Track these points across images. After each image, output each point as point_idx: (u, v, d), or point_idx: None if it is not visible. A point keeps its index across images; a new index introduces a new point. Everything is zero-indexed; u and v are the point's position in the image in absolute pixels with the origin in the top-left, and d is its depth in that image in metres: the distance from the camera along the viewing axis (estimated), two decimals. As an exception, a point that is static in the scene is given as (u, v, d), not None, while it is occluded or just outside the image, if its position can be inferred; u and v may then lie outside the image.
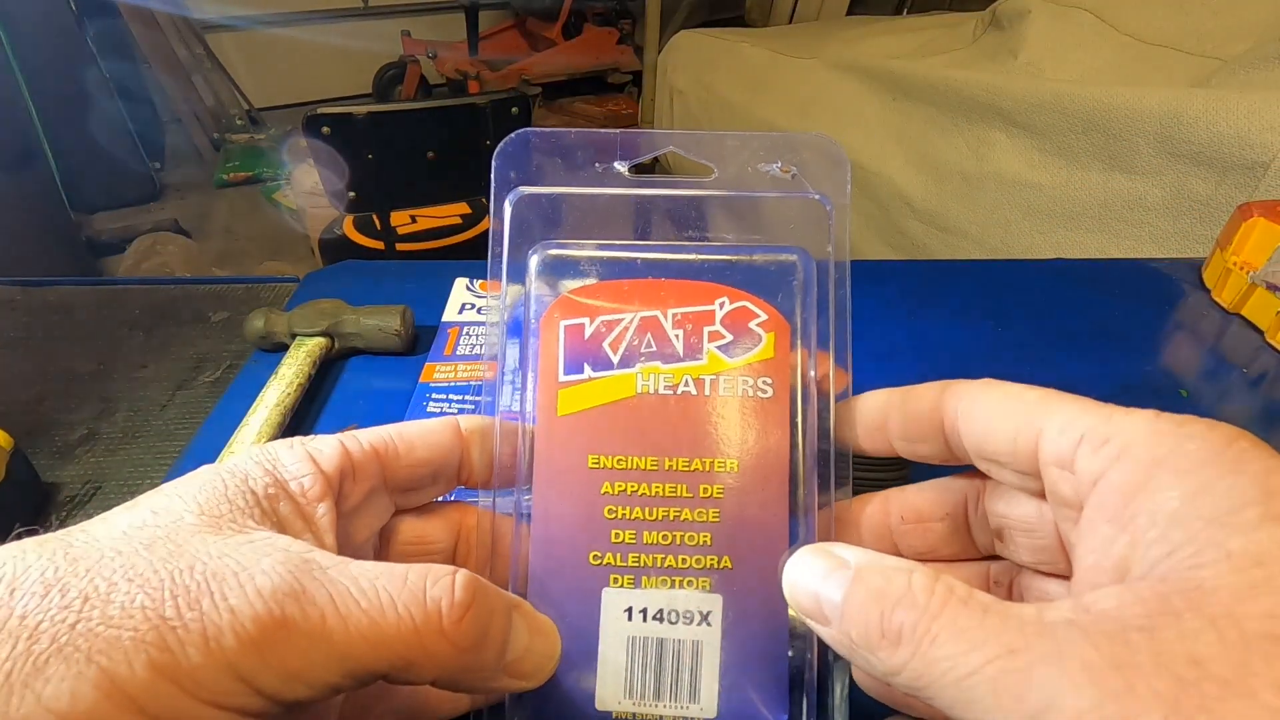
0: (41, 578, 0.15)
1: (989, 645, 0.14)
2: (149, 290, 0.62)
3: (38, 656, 0.13)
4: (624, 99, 3.16)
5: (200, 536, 0.17)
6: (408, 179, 1.18)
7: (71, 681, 0.13)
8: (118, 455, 0.45)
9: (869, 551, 0.18)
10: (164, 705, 0.14)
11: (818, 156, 0.24)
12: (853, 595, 0.17)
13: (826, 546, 0.19)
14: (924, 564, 0.17)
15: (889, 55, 1.45)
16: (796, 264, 0.24)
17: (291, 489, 0.20)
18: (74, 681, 0.13)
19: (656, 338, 0.23)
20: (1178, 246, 0.91)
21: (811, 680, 0.22)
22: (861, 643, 0.16)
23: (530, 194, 0.24)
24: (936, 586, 0.16)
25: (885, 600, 0.16)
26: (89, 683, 0.13)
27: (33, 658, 0.13)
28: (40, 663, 0.13)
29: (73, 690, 0.13)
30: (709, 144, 0.24)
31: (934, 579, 0.16)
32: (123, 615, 0.14)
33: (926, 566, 0.17)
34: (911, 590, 0.16)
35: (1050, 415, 0.18)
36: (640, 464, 0.22)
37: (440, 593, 0.17)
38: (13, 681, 0.13)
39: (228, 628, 0.15)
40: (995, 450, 0.19)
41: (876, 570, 0.17)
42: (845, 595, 0.17)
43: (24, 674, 0.13)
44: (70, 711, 0.13)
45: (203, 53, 2.66)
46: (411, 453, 0.22)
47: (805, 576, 0.18)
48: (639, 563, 0.22)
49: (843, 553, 0.18)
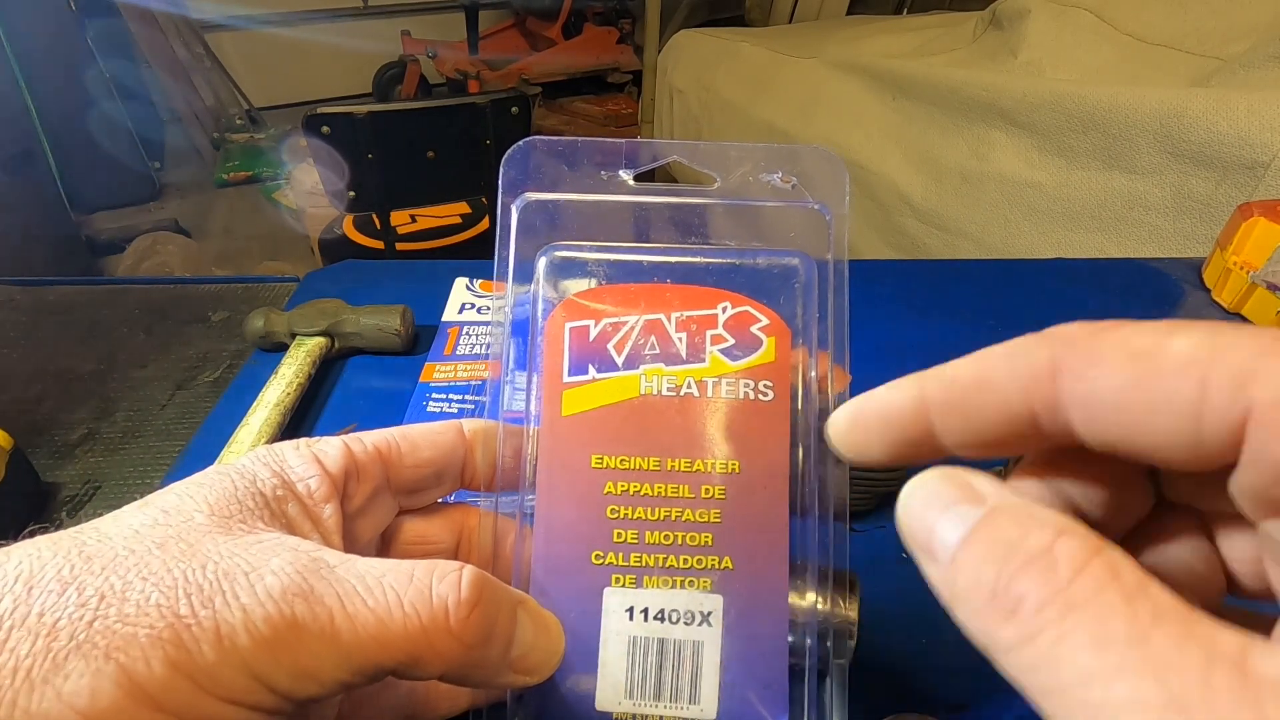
0: (58, 575, 0.15)
1: (1148, 682, 0.10)
2: (149, 290, 0.62)
3: (57, 653, 0.14)
4: (624, 98, 3.16)
5: (211, 536, 0.17)
6: (408, 179, 1.18)
7: (91, 678, 0.14)
8: (117, 455, 0.45)
9: (1016, 491, 0.14)
10: (181, 701, 0.14)
11: (817, 167, 0.24)
12: (974, 539, 0.13)
13: (961, 473, 0.14)
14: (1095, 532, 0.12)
15: (889, 55, 1.45)
16: (798, 268, 0.24)
17: (299, 490, 0.20)
18: (93, 678, 0.14)
19: (660, 340, 0.23)
20: (1178, 246, 0.91)
21: (812, 681, 0.22)
22: (964, 599, 0.13)
23: (536, 200, 0.24)
24: (1094, 561, 0.11)
25: (1012, 557, 0.12)
26: (108, 679, 0.14)
27: (52, 654, 0.14)
28: (60, 659, 0.14)
29: (92, 686, 0.14)
30: (711, 153, 0.25)
31: (1092, 549, 0.12)
32: (139, 613, 0.15)
33: (1085, 528, 0.12)
34: (1053, 554, 0.12)
35: (1263, 368, 0.11)
36: (643, 464, 0.23)
37: (447, 590, 0.17)
38: (33, 678, 0.13)
39: (240, 626, 0.15)
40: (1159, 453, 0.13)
41: (1014, 516, 0.13)
42: (965, 536, 0.13)
43: (44, 670, 0.13)
44: (90, 707, 0.13)
45: (202, 52, 2.66)
46: (415, 454, 0.23)
47: (925, 503, 0.14)
48: (641, 562, 0.22)
49: (979, 484, 0.14)
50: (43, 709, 0.13)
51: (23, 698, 0.13)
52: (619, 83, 3.25)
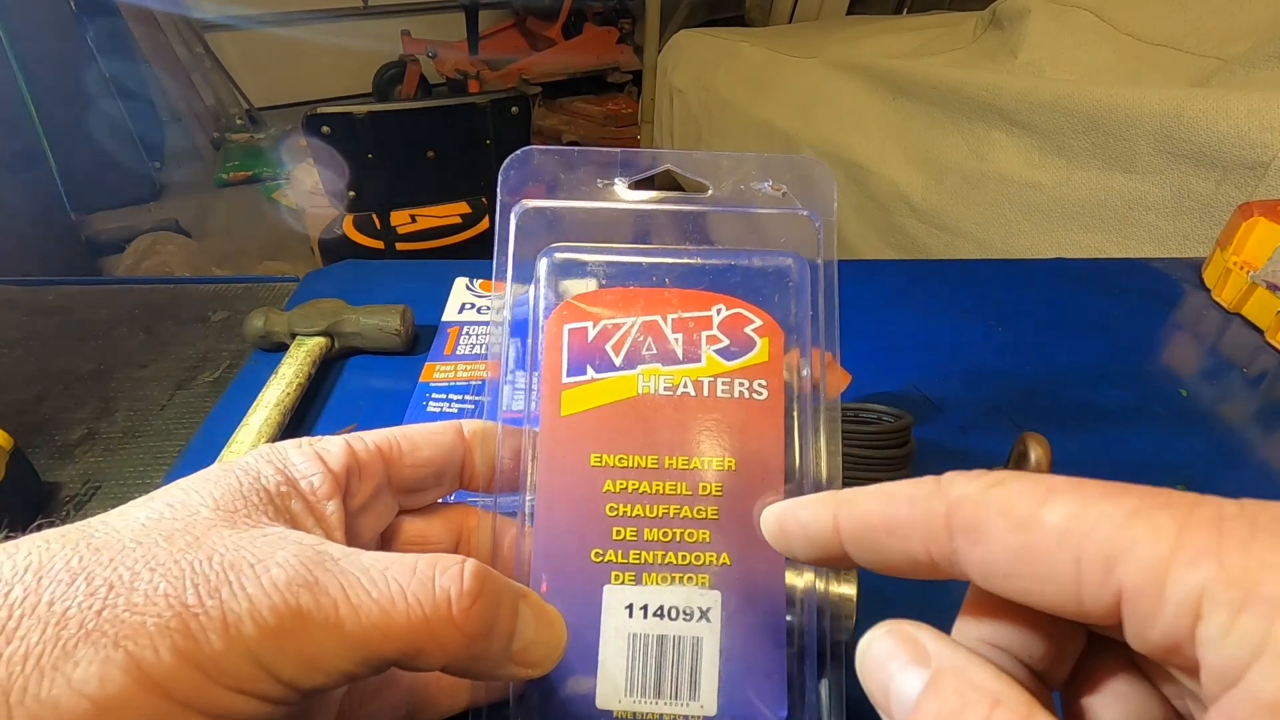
0: (67, 566, 0.15)
1: None
2: (149, 290, 0.62)
3: (66, 641, 0.14)
4: (624, 98, 3.16)
5: (217, 530, 0.17)
6: (408, 179, 1.18)
7: (100, 665, 0.14)
8: (117, 455, 0.45)
9: (958, 646, 0.15)
10: (188, 689, 0.14)
11: (806, 176, 0.25)
12: (924, 706, 0.14)
13: (908, 628, 0.16)
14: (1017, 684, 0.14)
15: (889, 55, 1.45)
16: (791, 267, 0.24)
17: (302, 487, 0.20)
18: (102, 665, 0.14)
19: (657, 341, 0.24)
20: (1178, 246, 0.91)
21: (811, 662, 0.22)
22: None
23: (534, 208, 0.25)
24: None
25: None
26: (117, 667, 0.14)
27: (61, 642, 0.14)
28: (69, 647, 0.14)
29: (101, 674, 0.14)
30: (704, 163, 0.25)
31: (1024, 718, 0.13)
32: (146, 602, 0.15)
33: (1019, 693, 0.13)
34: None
35: (1128, 546, 0.12)
36: (641, 463, 0.23)
37: (449, 582, 0.18)
38: (43, 665, 0.13)
39: (246, 615, 0.15)
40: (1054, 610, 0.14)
41: (957, 682, 0.14)
42: (914, 705, 0.14)
43: (53, 658, 0.14)
44: (99, 694, 0.14)
45: (202, 52, 2.66)
46: (416, 453, 0.23)
47: (878, 662, 0.15)
48: (640, 559, 0.22)
49: (926, 641, 0.15)
50: (52, 695, 0.13)
51: (33, 684, 0.13)
52: (619, 83, 3.25)
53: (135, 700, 0.14)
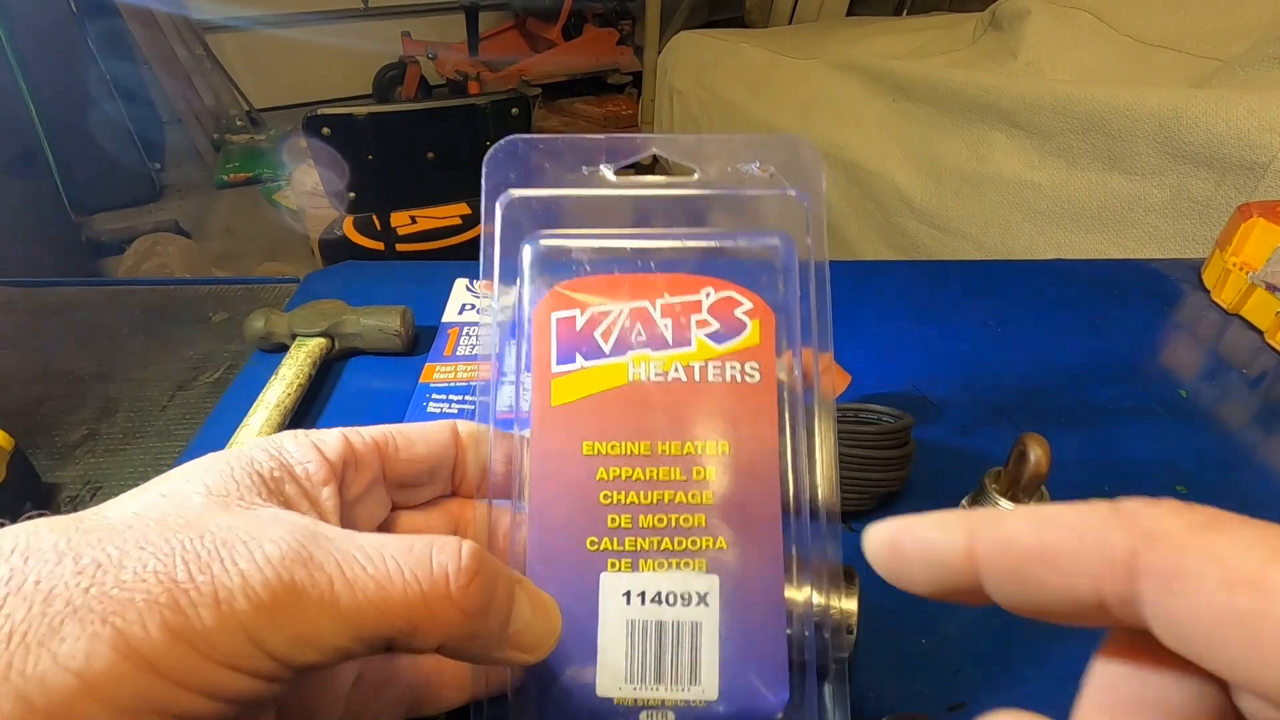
0: (54, 547, 0.15)
1: None
2: (149, 290, 0.62)
3: (53, 618, 0.14)
4: (624, 99, 3.16)
5: (210, 512, 0.17)
6: (408, 180, 1.18)
7: (87, 641, 0.14)
8: (117, 456, 0.45)
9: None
10: (177, 665, 0.14)
11: (793, 156, 0.25)
12: None
13: None
14: None
15: (889, 55, 1.45)
16: (779, 247, 0.24)
17: (297, 473, 0.20)
18: (89, 641, 0.14)
19: (646, 327, 0.24)
20: (1178, 247, 0.91)
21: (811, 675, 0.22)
22: None
23: (520, 197, 0.25)
24: None
25: None
26: (104, 642, 0.14)
27: (48, 619, 0.14)
28: (55, 624, 0.14)
29: (88, 650, 0.14)
30: (690, 146, 0.25)
31: None
32: (136, 579, 0.15)
33: None
34: None
35: None
36: (634, 449, 0.23)
37: (447, 559, 0.17)
38: (28, 641, 0.13)
39: (239, 591, 0.15)
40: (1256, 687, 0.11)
41: None
42: None
43: (39, 634, 0.13)
44: (86, 670, 0.13)
45: (203, 53, 2.66)
46: (410, 449, 0.23)
47: None
48: (636, 546, 0.22)
49: None
50: (38, 671, 0.13)
51: (18, 660, 0.13)
52: (619, 84, 3.25)
53: (123, 676, 0.14)
